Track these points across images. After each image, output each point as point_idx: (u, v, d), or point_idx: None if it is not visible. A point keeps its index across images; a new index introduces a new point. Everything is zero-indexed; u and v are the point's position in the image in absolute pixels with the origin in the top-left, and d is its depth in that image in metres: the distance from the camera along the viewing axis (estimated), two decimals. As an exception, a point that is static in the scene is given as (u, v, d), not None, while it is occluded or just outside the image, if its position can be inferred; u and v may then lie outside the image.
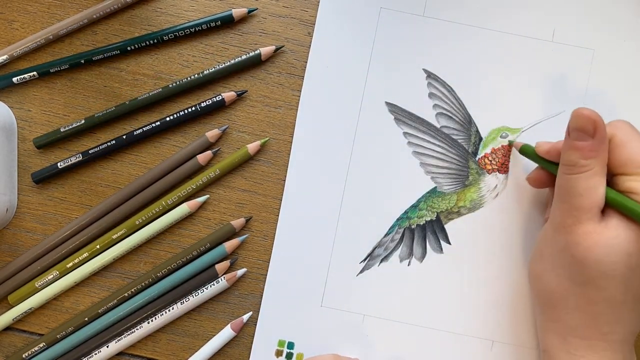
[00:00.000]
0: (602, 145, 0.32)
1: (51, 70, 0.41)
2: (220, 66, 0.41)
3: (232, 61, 0.41)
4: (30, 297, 0.40)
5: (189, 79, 0.41)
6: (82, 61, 0.41)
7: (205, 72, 0.41)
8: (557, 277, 0.34)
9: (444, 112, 0.41)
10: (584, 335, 0.33)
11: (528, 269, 0.38)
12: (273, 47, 0.41)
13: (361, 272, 0.40)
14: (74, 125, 0.41)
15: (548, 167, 0.36)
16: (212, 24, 0.41)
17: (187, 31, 0.41)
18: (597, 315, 0.33)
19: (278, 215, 0.41)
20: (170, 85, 0.41)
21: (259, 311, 0.40)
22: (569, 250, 0.33)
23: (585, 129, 0.32)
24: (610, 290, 0.32)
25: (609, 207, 0.33)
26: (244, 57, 0.41)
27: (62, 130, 0.41)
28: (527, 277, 0.39)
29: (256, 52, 0.41)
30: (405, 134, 0.41)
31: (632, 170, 0.32)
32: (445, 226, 0.40)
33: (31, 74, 0.41)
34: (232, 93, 0.41)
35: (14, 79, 0.41)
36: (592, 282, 0.32)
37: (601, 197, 0.32)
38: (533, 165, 0.39)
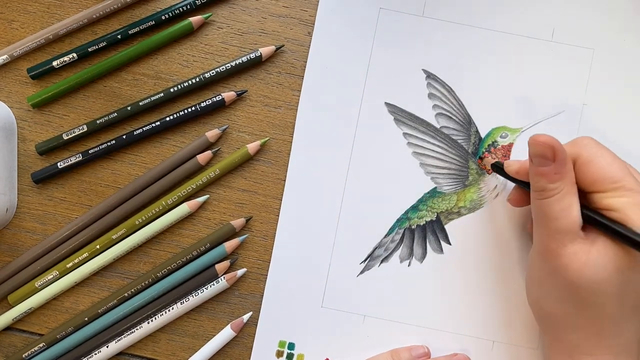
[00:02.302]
0: (565, 167, 0.32)
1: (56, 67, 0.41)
2: (221, 66, 0.41)
3: (232, 61, 0.41)
4: (30, 297, 0.40)
5: (190, 82, 0.41)
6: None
7: (205, 75, 0.41)
8: (553, 301, 0.34)
9: (444, 112, 0.41)
10: (589, 351, 0.33)
11: (526, 293, 0.38)
12: (273, 47, 0.41)
13: (361, 272, 0.40)
14: (76, 133, 0.41)
15: (522, 185, 0.37)
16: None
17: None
18: (599, 332, 0.33)
19: (278, 215, 0.41)
20: (171, 90, 0.41)
21: (259, 311, 0.40)
22: (560, 274, 0.32)
23: (545, 154, 0.32)
24: (607, 306, 0.32)
25: (587, 224, 0.33)
26: (244, 57, 0.41)
27: (64, 137, 0.41)
28: (525, 283, 0.38)
29: (256, 52, 0.41)
30: (405, 134, 0.41)
31: (605, 186, 0.32)
32: (446, 226, 0.40)
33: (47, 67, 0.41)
34: (232, 93, 0.41)
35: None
36: (587, 301, 0.32)
37: (577, 216, 0.32)
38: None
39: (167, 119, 0.41)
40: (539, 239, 0.34)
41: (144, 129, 0.41)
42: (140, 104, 0.41)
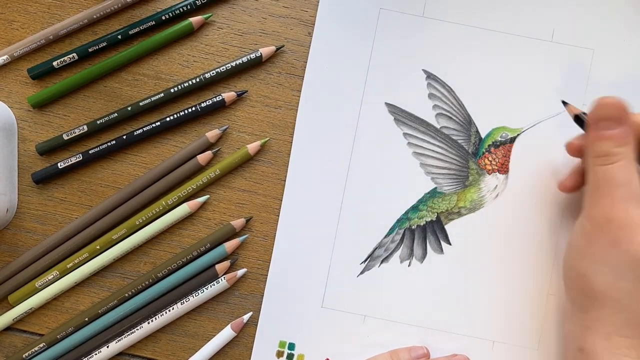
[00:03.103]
0: (632, 130, 0.31)
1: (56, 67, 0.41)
2: (221, 66, 0.41)
3: (233, 61, 0.41)
4: (30, 297, 0.40)
5: (190, 83, 0.41)
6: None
7: (205, 75, 0.41)
8: (606, 275, 0.32)
9: (444, 112, 0.41)
10: (630, 334, 0.32)
11: (564, 268, 0.36)
12: (273, 47, 0.41)
13: (362, 273, 0.40)
14: (77, 133, 0.41)
15: None
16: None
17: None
18: None
19: (278, 215, 0.41)
20: (171, 90, 0.41)
21: (259, 311, 0.40)
22: (622, 246, 0.31)
23: (614, 116, 0.31)
24: None
25: None
26: (244, 57, 0.41)
27: (64, 137, 0.41)
28: (563, 277, 0.37)
29: (256, 52, 0.41)
30: (405, 134, 0.41)
31: None
32: (446, 227, 0.40)
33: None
34: (232, 93, 0.41)
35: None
36: None
37: (639, 183, 0.31)
38: (534, 165, 0.40)
39: (167, 119, 0.41)
40: (599, 209, 0.32)
41: (144, 129, 0.41)
42: (141, 104, 0.41)
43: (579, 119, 0.37)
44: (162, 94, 0.41)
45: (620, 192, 0.31)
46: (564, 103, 0.38)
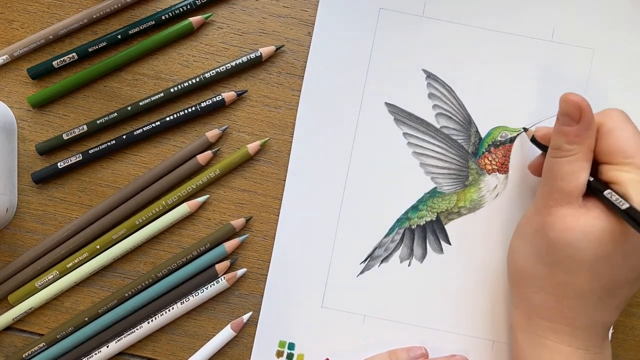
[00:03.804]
0: (587, 131, 0.32)
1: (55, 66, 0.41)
2: (221, 66, 0.41)
3: (232, 61, 0.41)
4: (30, 297, 0.40)
5: (190, 82, 0.41)
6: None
7: (205, 75, 0.41)
8: (529, 256, 0.35)
9: (444, 112, 0.41)
10: (548, 317, 0.34)
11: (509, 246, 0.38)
12: (273, 47, 0.41)
13: (362, 272, 0.40)
14: (76, 133, 0.41)
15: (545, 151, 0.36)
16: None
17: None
18: (561, 299, 0.33)
19: (278, 215, 0.41)
20: (171, 90, 0.41)
21: (259, 311, 0.40)
22: (544, 231, 0.33)
23: (571, 114, 0.32)
24: (577, 275, 0.33)
25: (593, 195, 0.33)
26: (244, 57, 0.41)
27: (64, 137, 0.41)
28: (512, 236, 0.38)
29: (256, 52, 0.41)
30: (405, 134, 0.41)
31: (617, 159, 0.32)
32: (446, 226, 0.40)
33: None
34: (232, 93, 0.41)
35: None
36: (560, 264, 0.33)
37: (582, 182, 0.33)
38: (533, 165, 0.40)
39: (167, 119, 0.41)
40: (539, 194, 0.34)
41: (144, 129, 0.41)
42: (141, 104, 0.41)
43: (534, 141, 0.38)
44: (162, 94, 0.41)
45: (557, 185, 0.33)
46: (524, 129, 0.40)
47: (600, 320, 0.34)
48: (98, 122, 0.41)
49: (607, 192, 0.32)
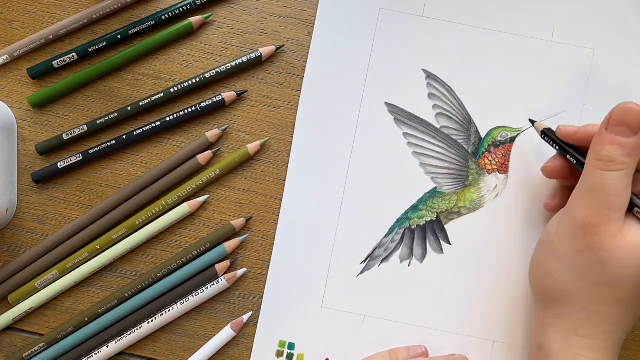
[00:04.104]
0: None
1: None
2: (221, 66, 0.41)
3: (232, 61, 0.41)
4: (30, 297, 0.40)
5: (190, 82, 0.41)
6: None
7: (205, 75, 0.41)
8: (570, 276, 0.33)
9: (444, 112, 0.41)
10: (588, 334, 0.33)
11: (531, 263, 0.37)
12: (273, 47, 0.41)
13: (361, 272, 0.40)
14: (76, 133, 0.41)
15: (568, 153, 0.35)
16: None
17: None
18: (605, 315, 0.33)
19: (278, 215, 0.41)
20: (171, 90, 0.41)
21: (259, 311, 0.40)
22: (591, 251, 0.32)
23: (631, 124, 0.31)
24: (624, 291, 0.32)
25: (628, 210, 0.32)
26: (244, 57, 0.41)
27: (64, 137, 0.41)
28: (528, 272, 0.37)
29: (256, 52, 0.41)
30: (405, 134, 0.41)
31: None
32: (446, 226, 0.40)
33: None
34: (232, 93, 0.41)
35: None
36: (608, 283, 0.32)
37: (629, 197, 0.32)
38: (533, 164, 0.40)
39: (167, 119, 0.41)
40: (581, 212, 0.32)
41: (144, 129, 0.41)
42: (140, 104, 0.41)
43: (546, 135, 0.37)
44: (162, 94, 0.41)
45: (610, 201, 0.31)
46: (532, 122, 0.39)
47: (629, 329, 0.34)
48: (98, 122, 0.41)
49: (635, 210, 0.32)
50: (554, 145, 0.37)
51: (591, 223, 0.32)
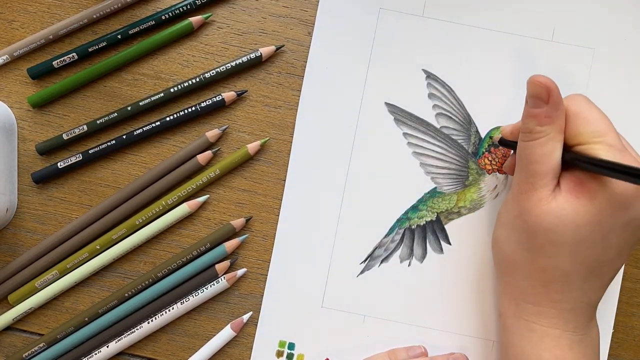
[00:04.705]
0: (556, 111, 0.32)
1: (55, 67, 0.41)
2: (221, 66, 0.41)
3: (232, 61, 0.41)
4: (30, 297, 0.40)
5: (190, 82, 0.41)
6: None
7: (205, 75, 0.41)
8: (512, 243, 0.35)
9: (444, 112, 0.41)
10: (535, 301, 0.34)
11: (492, 235, 0.38)
12: (273, 47, 0.41)
13: (362, 272, 0.40)
14: (76, 133, 0.41)
15: (514, 149, 0.36)
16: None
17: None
18: (547, 283, 0.33)
19: (278, 215, 0.41)
20: (171, 90, 0.41)
21: (259, 311, 0.40)
22: (522, 217, 0.33)
23: (540, 95, 0.32)
24: (559, 258, 0.33)
25: (562, 178, 0.33)
26: (244, 57, 0.41)
27: (64, 137, 0.41)
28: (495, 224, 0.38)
29: (256, 52, 0.41)
30: (405, 134, 0.41)
31: (587, 139, 0.32)
32: (446, 226, 0.40)
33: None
34: (232, 93, 0.41)
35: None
36: (541, 249, 0.33)
37: (557, 162, 0.32)
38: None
39: (167, 119, 0.41)
40: (516, 181, 0.34)
41: (144, 129, 0.41)
42: (140, 104, 0.41)
43: (501, 142, 0.38)
44: (162, 94, 0.41)
45: (532, 168, 0.33)
46: (490, 138, 0.40)
47: (586, 300, 0.34)
48: (98, 122, 0.41)
49: (578, 148, 0.32)
50: (511, 147, 0.37)
51: (521, 190, 0.33)
